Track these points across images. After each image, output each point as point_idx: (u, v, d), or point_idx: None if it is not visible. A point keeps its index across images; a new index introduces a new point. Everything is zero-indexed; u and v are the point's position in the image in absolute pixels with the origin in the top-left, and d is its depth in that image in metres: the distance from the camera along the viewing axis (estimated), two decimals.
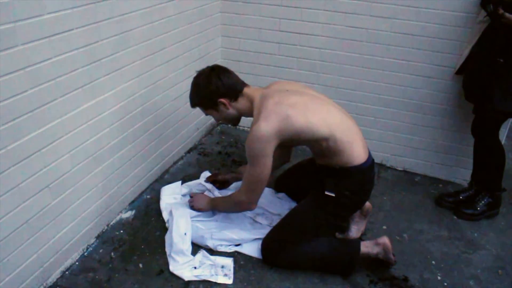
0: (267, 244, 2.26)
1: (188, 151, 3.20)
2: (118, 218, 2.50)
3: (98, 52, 2.07)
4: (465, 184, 2.89)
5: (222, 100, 2.17)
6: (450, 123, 2.90)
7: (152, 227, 2.45)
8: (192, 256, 2.22)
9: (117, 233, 2.40)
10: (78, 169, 2.10)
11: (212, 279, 2.13)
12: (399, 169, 3.16)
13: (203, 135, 3.40)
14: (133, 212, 2.56)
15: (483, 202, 2.66)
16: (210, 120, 3.43)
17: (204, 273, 2.15)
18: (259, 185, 2.14)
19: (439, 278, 2.25)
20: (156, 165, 2.82)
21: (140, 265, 2.20)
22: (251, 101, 2.20)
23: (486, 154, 2.61)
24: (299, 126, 2.03)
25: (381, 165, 3.18)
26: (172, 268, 2.17)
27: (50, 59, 1.79)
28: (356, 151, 2.11)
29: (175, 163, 3.04)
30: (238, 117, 2.30)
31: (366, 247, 2.23)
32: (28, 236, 1.88)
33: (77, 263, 2.20)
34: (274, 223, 2.39)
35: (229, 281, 2.14)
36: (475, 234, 2.57)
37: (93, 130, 2.15)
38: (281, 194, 2.68)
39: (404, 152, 3.11)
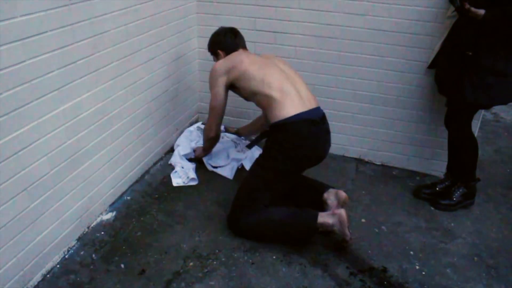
0: (229, 212, 2.48)
1: (168, 152, 3.20)
2: (98, 220, 2.49)
3: (74, 54, 2.07)
4: (442, 175, 2.95)
5: (220, 51, 2.68)
6: (424, 116, 2.96)
7: (133, 227, 2.46)
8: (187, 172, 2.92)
9: (98, 234, 2.40)
10: (56, 171, 2.10)
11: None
12: (377, 163, 3.22)
13: None
14: (114, 213, 2.56)
15: (458, 192, 2.73)
16: (189, 120, 3.45)
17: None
18: (213, 112, 2.66)
19: (417, 267, 2.30)
20: (135, 166, 2.82)
21: (122, 266, 2.21)
22: None
23: (460, 145, 2.67)
24: (244, 69, 2.44)
25: (359, 160, 3.23)
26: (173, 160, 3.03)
27: (24, 62, 1.79)
28: (289, 104, 2.32)
29: (155, 164, 3.05)
30: None
31: (322, 217, 2.32)
32: (6, 240, 1.87)
33: (58, 265, 2.20)
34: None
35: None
36: (452, 224, 2.63)
37: (70, 132, 2.15)
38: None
39: (382, 147, 3.16)
